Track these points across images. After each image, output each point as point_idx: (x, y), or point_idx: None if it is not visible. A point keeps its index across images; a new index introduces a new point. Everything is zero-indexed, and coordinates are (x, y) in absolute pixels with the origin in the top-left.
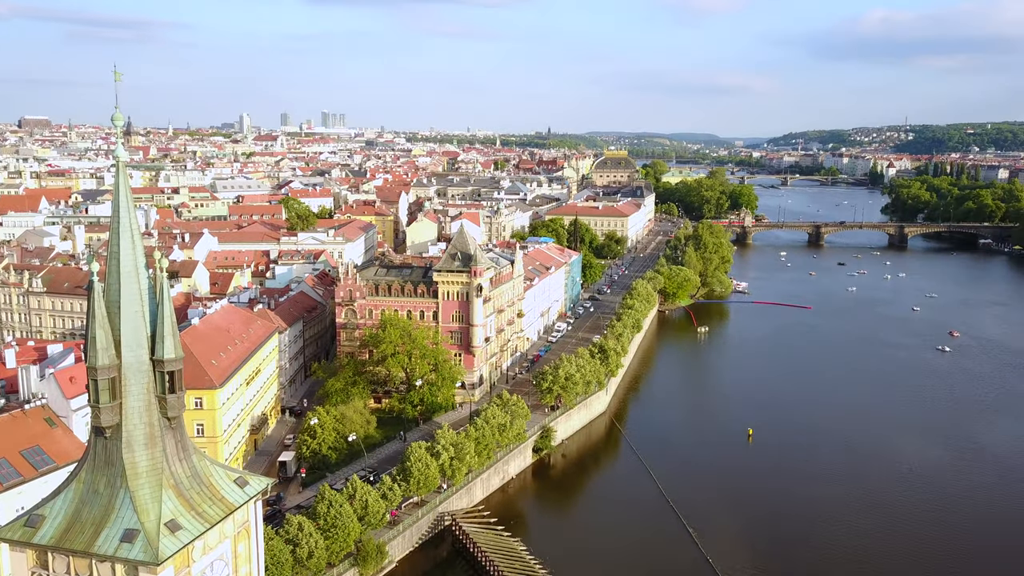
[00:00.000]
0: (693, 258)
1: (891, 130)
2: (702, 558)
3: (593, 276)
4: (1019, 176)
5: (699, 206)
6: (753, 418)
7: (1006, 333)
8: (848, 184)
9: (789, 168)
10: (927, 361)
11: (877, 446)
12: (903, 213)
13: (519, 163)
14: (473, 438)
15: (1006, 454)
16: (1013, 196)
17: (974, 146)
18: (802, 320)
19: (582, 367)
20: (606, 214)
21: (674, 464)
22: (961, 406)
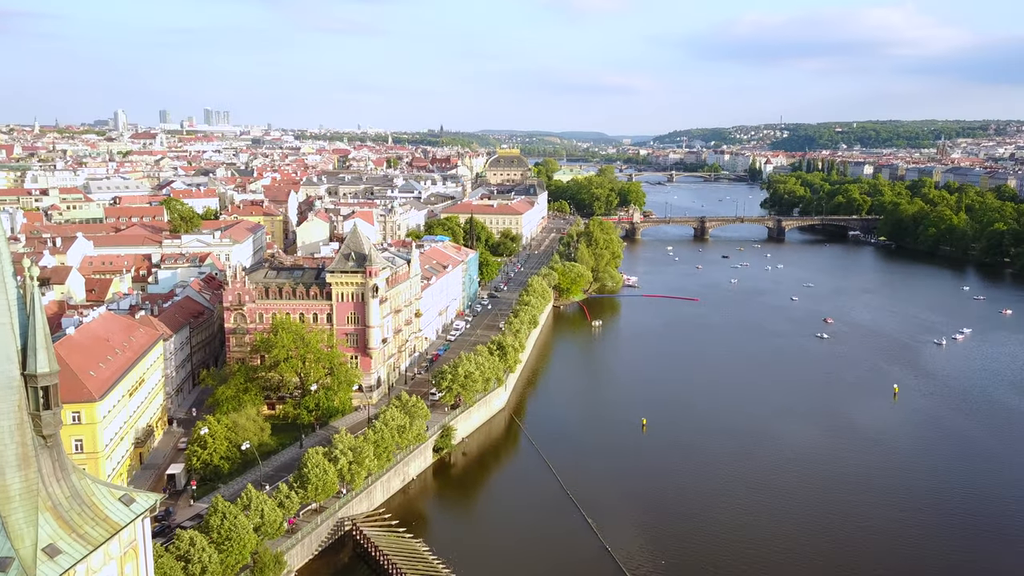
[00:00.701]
0: (585, 254)
1: (768, 128)
2: (602, 548)
3: (490, 274)
4: (882, 172)
5: (590, 203)
6: (647, 408)
7: (874, 319)
8: (730, 180)
9: (674, 165)
10: (805, 347)
11: (762, 429)
12: (780, 207)
13: (412, 161)
14: (372, 441)
15: (877, 432)
16: (877, 191)
17: (842, 143)
18: (690, 311)
19: (481, 364)
20: (501, 212)
21: (573, 456)
22: (836, 389)
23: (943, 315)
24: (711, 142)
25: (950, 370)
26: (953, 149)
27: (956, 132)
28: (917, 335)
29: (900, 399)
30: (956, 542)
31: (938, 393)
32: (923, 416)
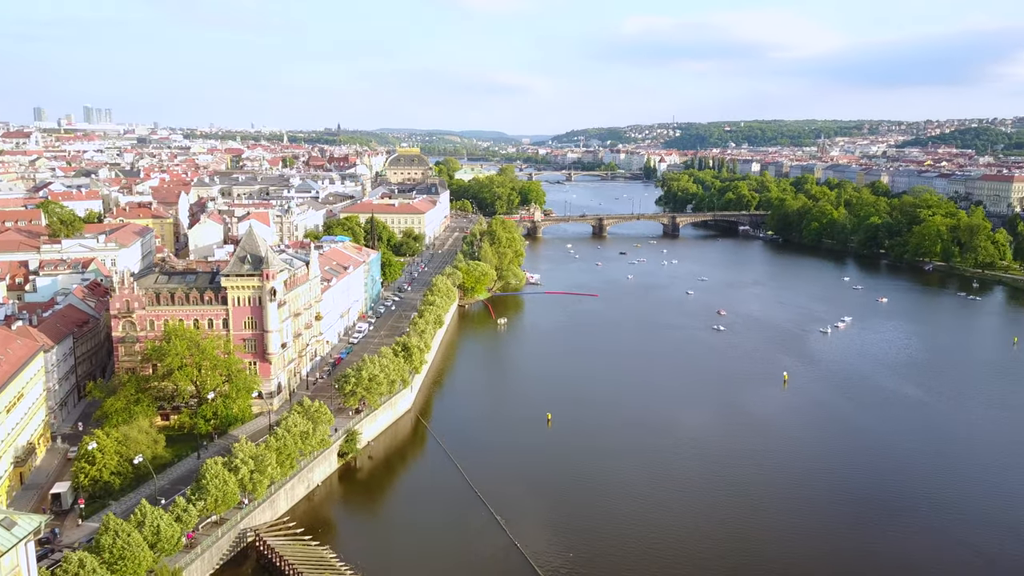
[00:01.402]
0: (489, 253)
1: (661, 127)
2: (511, 544)
3: (393, 274)
4: (769, 169)
5: (492, 202)
6: (552, 403)
7: (764, 310)
8: (626, 178)
9: (573, 164)
10: (701, 339)
11: (662, 420)
12: (675, 204)
13: (309, 160)
14: (274, 448)
15: (768, 417)
16: (764, 187)
17: (731, 142)
18: (591, 307)
19: (385, 367)
20: (403, 211)
21: (480, 454)
22: (731, 378)
23: (827, 305)
24: (607, 141)
25: (834, 356)
26: (832, 147)
27: (834, 131)
28: (804, 324)
29: (789, 385)
30: (843, 516)
31: (823, 378)
32: (810, 400)
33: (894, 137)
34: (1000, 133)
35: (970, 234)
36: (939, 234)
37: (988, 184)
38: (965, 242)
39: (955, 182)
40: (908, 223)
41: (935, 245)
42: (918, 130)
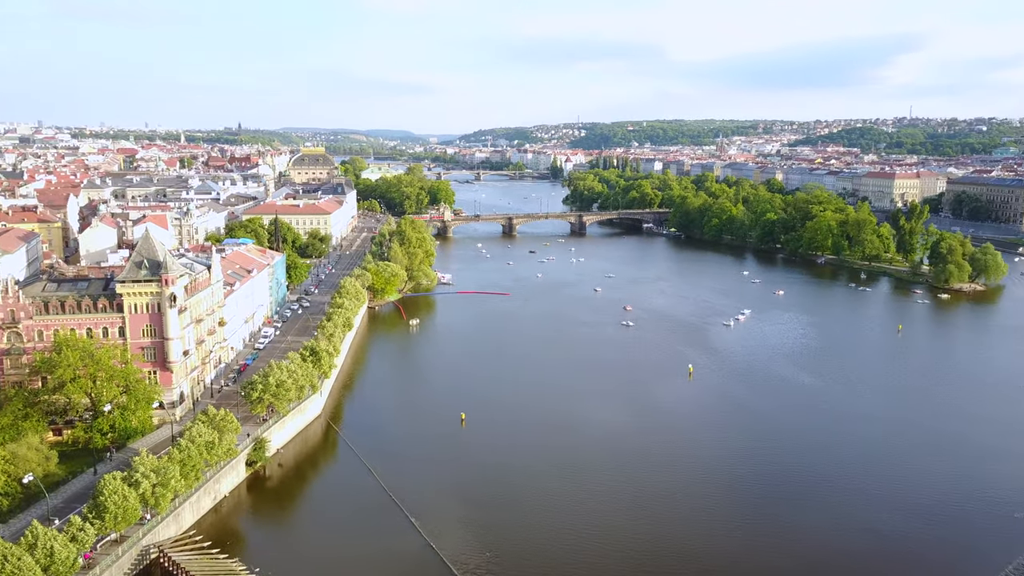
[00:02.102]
0: (399, 253)
1: (567, 127)
2: (426, 545)
3: (299, 277)
4: (670, 168)
5: (400, 202)
6: (465, 402)
7: (669, 304)
8: (533, 178)
9: (481, 164)
10: (610, 335)
11: (575, 415)
12: (581, 203)
13: (209, 160)
14: (178, 460)
15: (675, 409)
16: (667, 185)
17: (634, 141)
18: (502, 306)
19: (294, 372)
20: (308, 212)
21: (393, 457)
22: (639, 371)
23: (727, 298)
24: (515, 141)
25: (735, 348)
26: (730, 146)
27: (732, 131)
28: (706, 317)
29: (695, 377)
30: (750, 500)
31: (726, 369)
32: (715, 390)
33: (787, 136)
34: (882, 133)
35: (858, 228)
36: (830, 229)
37: (873, 181)
38: (853, 236)
39: (843, 179)
40: (801, 219)
41: (826, 239)
42: (808, 130)
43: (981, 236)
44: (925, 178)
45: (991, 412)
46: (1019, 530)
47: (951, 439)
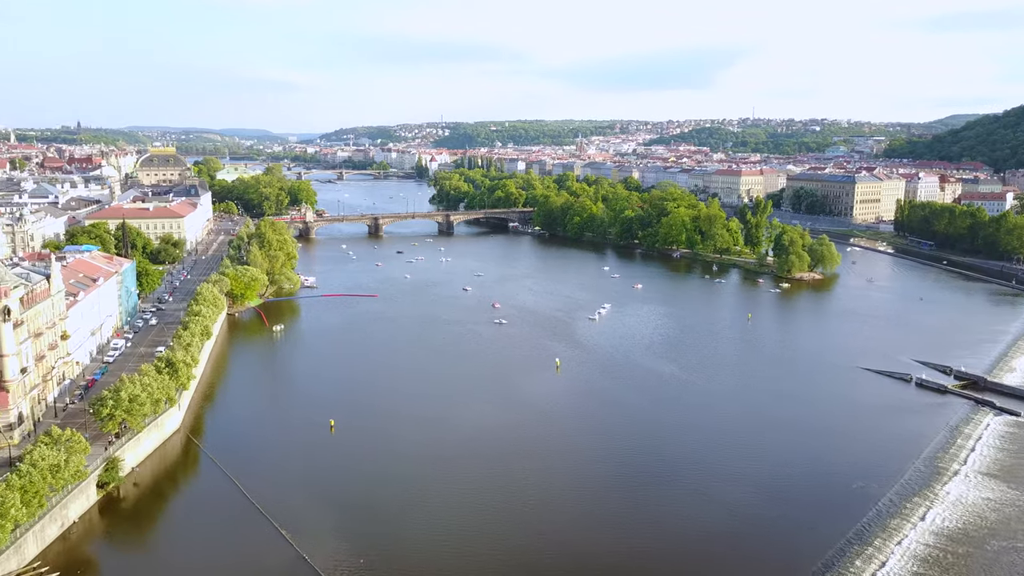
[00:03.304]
0: (259, 257)
1: (430, 127)
2: (299, 557)
3: (151, 284)
4: (533, 167)
5: (259, 203)
6: (334, 408)
7: (536, 301)
8: (399, 177)
9: (344, 163)
10: (480, 333)
11: (447, 415)
12: (448, 203)
13: (44, 161)
14: (17, 487)
15: (544, 402)
16: (530, 185)
17: (497, 141)
18: (370, 308)
19: (148, 385)
20: (159, 216)
21: (259, 468)
22: (509, 367)
23: (591, 293)
24: (378, 140)
25: (599, 340)
26: (589, 146)
27: (590, 131)
28: (571, 312)
29: (562, 371)
30: (618, 488)
31: (591, 361)
32: (581, 383)
33: (642, 136)
34: (729, 132)
35: (709, 224)
36: (684, 224)
37: (722, 178)
38: (705, 231)
39: (695, 177)
40: (657, 215)
41: (681, 234)
42: (662, 129)
43: (818, 228)
44: (768, 175)
45: (831, 391)
46: (858, 498)
47: (798, 418)
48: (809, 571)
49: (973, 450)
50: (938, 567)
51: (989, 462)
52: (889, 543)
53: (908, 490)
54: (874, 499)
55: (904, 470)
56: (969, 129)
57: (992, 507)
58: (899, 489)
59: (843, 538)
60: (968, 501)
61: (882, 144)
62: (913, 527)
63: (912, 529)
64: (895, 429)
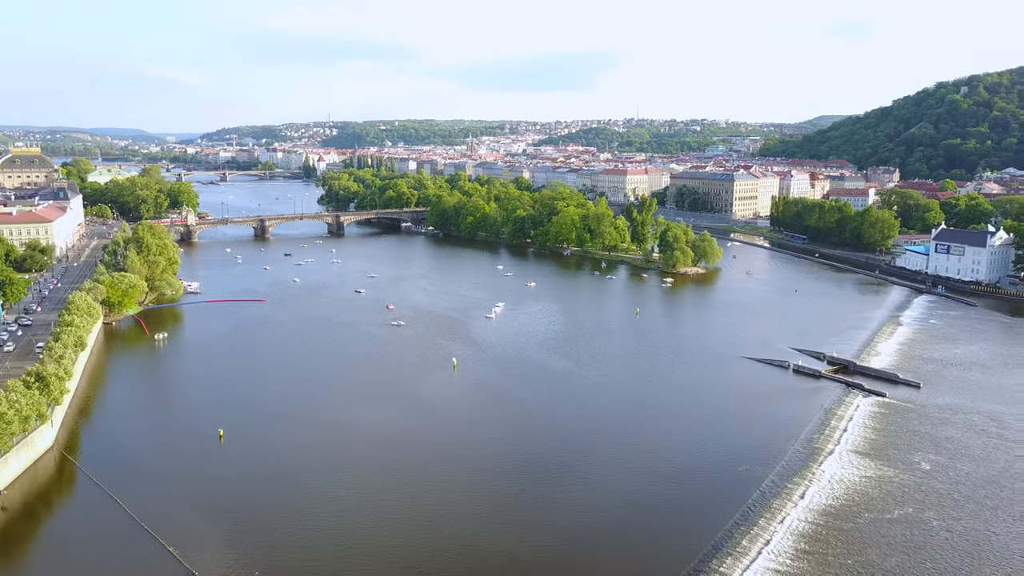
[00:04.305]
0: (137, 262)
1: (317, 126)
2: (188, 574)
3: (16, 295)
4: (425, 167)
5: (136, 206)
6: (223, 418)
7: (431, 301)
8: (285, 178)
9: (227, 164)
10: (375, 335)
11: (343, 420)
12: (338, 203)
13: None
14: None
15: (442, 402)
16: (422, 184)
17: (388, 140)
18: (258, 313)
19: (16, 402)
20: (24, 220)
21: (143, 484)
22: (405, 369)
23: (486, 292)
24: (263, 140)
25: (495, 339)
26: (479, 146)
27: (480, 131)
28: (467, 311)
29: (459, 370)
30: (517, 483)
31: (487, 360)
32: (477, 382)
33: (531, 136)
34: (614, 132)
35: (598, 222)
36: (573, 223)
37: (608, 177)
38: (594, 229)
39: (583, 176)
40: (548, 214)
41: (571, 233)
42: (550, 130)
43: (700, 225)
44: (652, 174)
45: (716, 379)
46: (744, 481)
47: (686, 407)
48: (700, 552)
49: (845, 430)
50: (817, 542)
51: (860, 441)
52: (772, 522)
53: (789, 471)
54: (758, 481)
55: (785, 452)
56: (835, 130)
57: (863, 483)
58: (780, 470)
59: (731, 519)
60: (842, 478)
61: (758, 143)
62: (794, 505)
63: (793, 507)
64: (776, 414)
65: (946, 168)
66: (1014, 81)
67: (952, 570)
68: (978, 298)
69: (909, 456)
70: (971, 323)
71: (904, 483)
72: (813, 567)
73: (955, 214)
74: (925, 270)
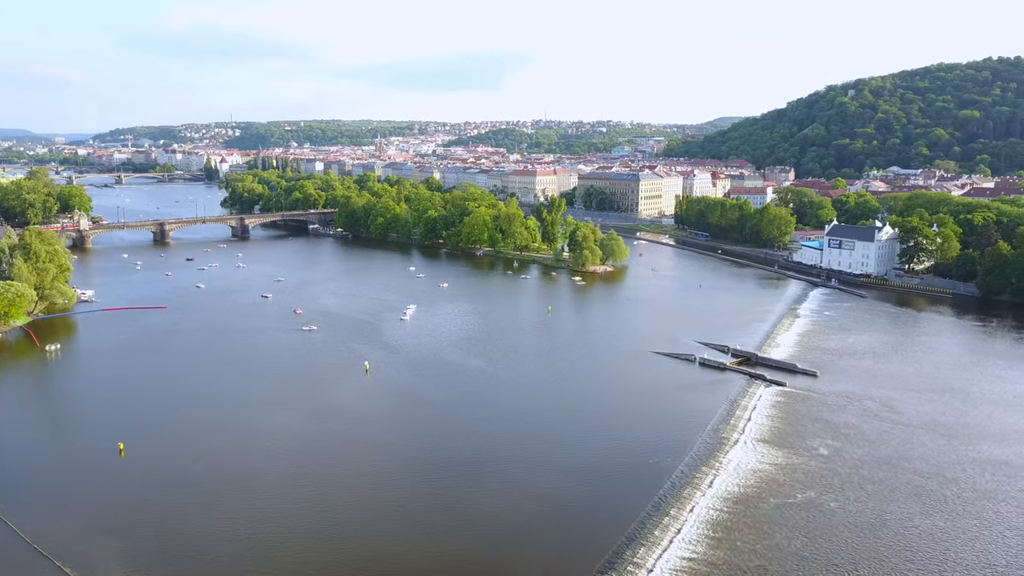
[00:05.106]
0: (24, 271)
1: (219, 127)
2: None
3: None
4: (332, 168)
5: (22, 211)
6: (123, 431)
7: (342, 304)
8: (186, 180)
9: (122, 166)
10: (283, 340)
11: (251, 429)
12: (242, 205)
13: None
14: None
15: (354, 407)
16: (330, 186)
17: (293, 141)
18: (159, 321)
19: None
20: None
21: (35, 504)
22: (315, 374)
23: (398, 294)
24: (161, 141)
25: (408, 341)
26: (388, 146)
27: (389, 131)
28: (379, 314)
29: (371, 374)
30: (429, 487)
31: (400, 362)
32: (390, 384)
33: (441, 137)
34: (524, 134)
35: (509, 222)
36: (485, 223)
37: (519, 178)
38: (506, 229)
39: (493, 177)
40: (460, 215)
41: (483, 233)
42: (460, 131)
43: (608, 224)
44: (561, 175)
45: (626, 374)
46: (655, 472)
47: (598, 401)
48: (614, 544)
49: (749, 420)
50: (726, 529)
51: (763, 430)
52: (683, 511)
53: (697, 461)
54: (668, 472)
55: (693, 443)
56: (734, 130)
57: (767, 469)
58: (689, 460)
59: (643, 510)
60: (747, 466)
61: (662, 144)
62: (703, 494)
63: (702, 496)
64: (684, 406)
65: (837, 167)
66: (896, 85)
67: (852, 549)
68: (868, 290)
69: (809, 442)
70: (862, 314)
71: (806, 468)
72: (723, 553)
73: (846, 211)
74: (820, 264)
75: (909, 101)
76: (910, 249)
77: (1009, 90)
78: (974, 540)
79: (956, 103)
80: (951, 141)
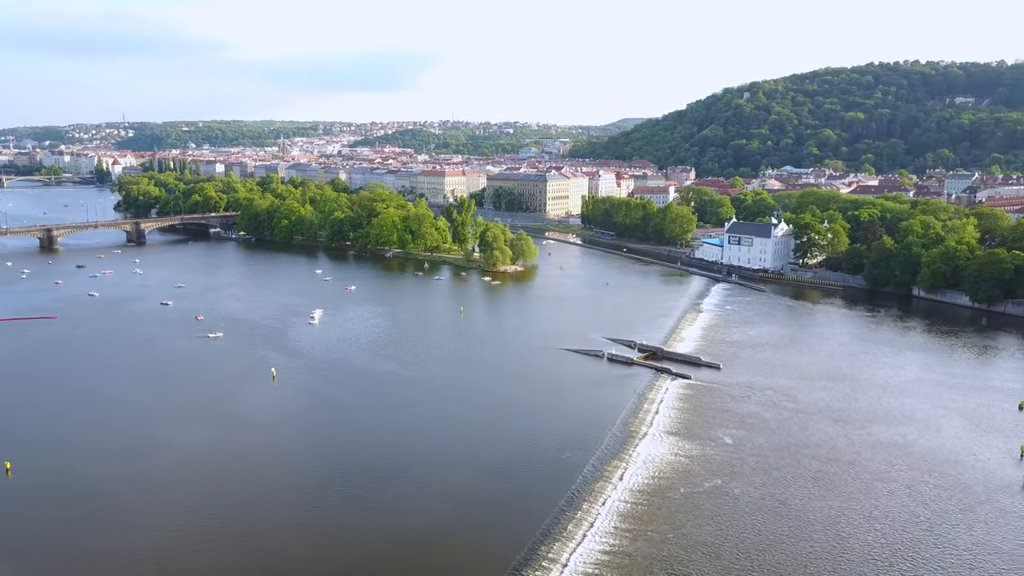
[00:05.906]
0: None
1: (111, 127)
2: None
3: None
4: (233, 169)
5: None
6: (11, 451)
7: (246, 310)
8: (75, 183)
9: (4, 168)
10: (185, 349)
11: (153, 443)
12: (137, 209)
13: None
14: None
15: (260, 415)
16: (231, 188)
17: (191, 143)
18: (49, 332)
19: None
20: None
21: None
22: (219, 383)
23: (304, 298)
24: (46, 142)
25: (316, 345)
26: (292, 147)
27: (292, 132)
28: (286, 319)
29: (279, 381)
30: (337, 493)
31: (309, 368)
32: (299, 390)
33: (346, 137)
34: (431, 134)
35: (418, 223)
36: (394, 224)
37: (427, 179)
38: (415, 230)
39: (402, 178)
40: (368, 216)
41: (392, 234)
42: (366, 131)
43: (517, 224)
44: (470, 176)
45: (537, 371)
46: (567, 467)
47: (510, 399)
48: (529, 540)
49: (657, 412)
50: (637, 520)
51: (670, 422)
52: (595, 505)
53: (608, 454)
54: (580, 466)
55: (603, 437)
56: (637, 131)
57: (676, 460)
58: (600, 455)
59: (557, 505)
60: (656, 458)
61: (567, 145)
62: (614, 487)
63: (613, 489)
64: (594, 401)
65: (735, 166)
66: (788, 88)
67: (757, 533)
68: (766, 284)
69: (715, 432)
70: (761, 307)
71: (712, 457)
72: (635, 544)
73: (744, 208)
74: (720, 260)
75: (800, 103)
76: (804, 245)
77: (890, 93)
78: (869, 519)
79: (843, 105)
80: (839, 141)
